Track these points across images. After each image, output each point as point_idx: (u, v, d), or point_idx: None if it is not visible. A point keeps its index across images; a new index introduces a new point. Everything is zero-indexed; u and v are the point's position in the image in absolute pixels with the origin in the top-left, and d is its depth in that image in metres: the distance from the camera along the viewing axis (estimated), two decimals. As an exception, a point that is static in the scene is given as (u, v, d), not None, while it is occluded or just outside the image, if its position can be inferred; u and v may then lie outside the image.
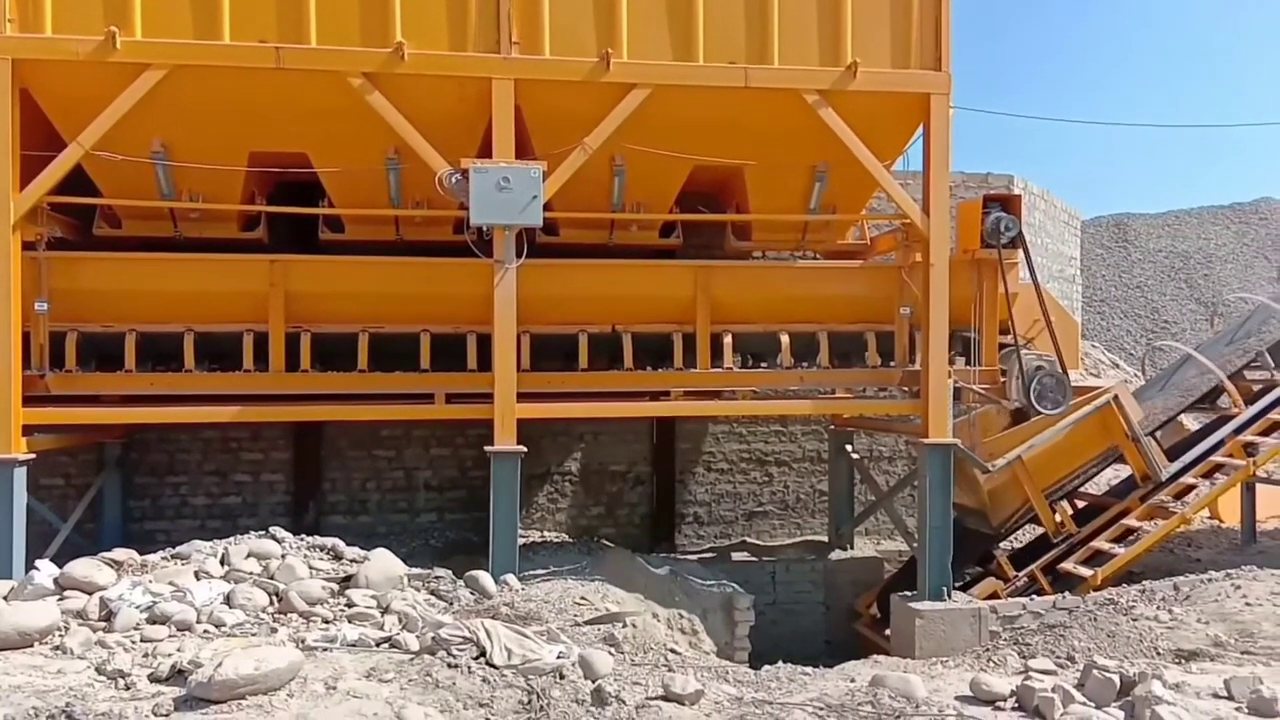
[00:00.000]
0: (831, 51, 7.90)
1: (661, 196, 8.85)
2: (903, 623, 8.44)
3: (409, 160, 7.81)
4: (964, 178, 12.35)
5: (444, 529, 10.65)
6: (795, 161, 8.72)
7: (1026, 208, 9.79)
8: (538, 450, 10.41)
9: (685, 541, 11.49)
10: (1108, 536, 9.42)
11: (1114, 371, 17.57)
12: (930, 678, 6.20)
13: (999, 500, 9.63)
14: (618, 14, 7.58)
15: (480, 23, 7.45)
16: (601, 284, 8.52)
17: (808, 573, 10.61)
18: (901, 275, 8.90)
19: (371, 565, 6.30)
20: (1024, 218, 8.97)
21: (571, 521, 11.17)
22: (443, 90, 7.52)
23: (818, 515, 11.87)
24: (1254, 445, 9.76)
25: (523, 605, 6.27)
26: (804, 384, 8.96)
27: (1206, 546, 11.46)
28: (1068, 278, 16.34)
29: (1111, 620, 7.82)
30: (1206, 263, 30.37)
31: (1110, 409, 9.45)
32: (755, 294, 8.86)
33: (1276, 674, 6.13)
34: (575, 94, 7.58)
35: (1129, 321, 28.30)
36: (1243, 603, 7.97)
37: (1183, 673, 6.19)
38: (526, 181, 7.25)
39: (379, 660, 4.90)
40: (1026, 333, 9.14)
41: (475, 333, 8.13)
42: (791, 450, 11.86)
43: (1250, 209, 33.22)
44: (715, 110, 7.98)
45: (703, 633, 8.09)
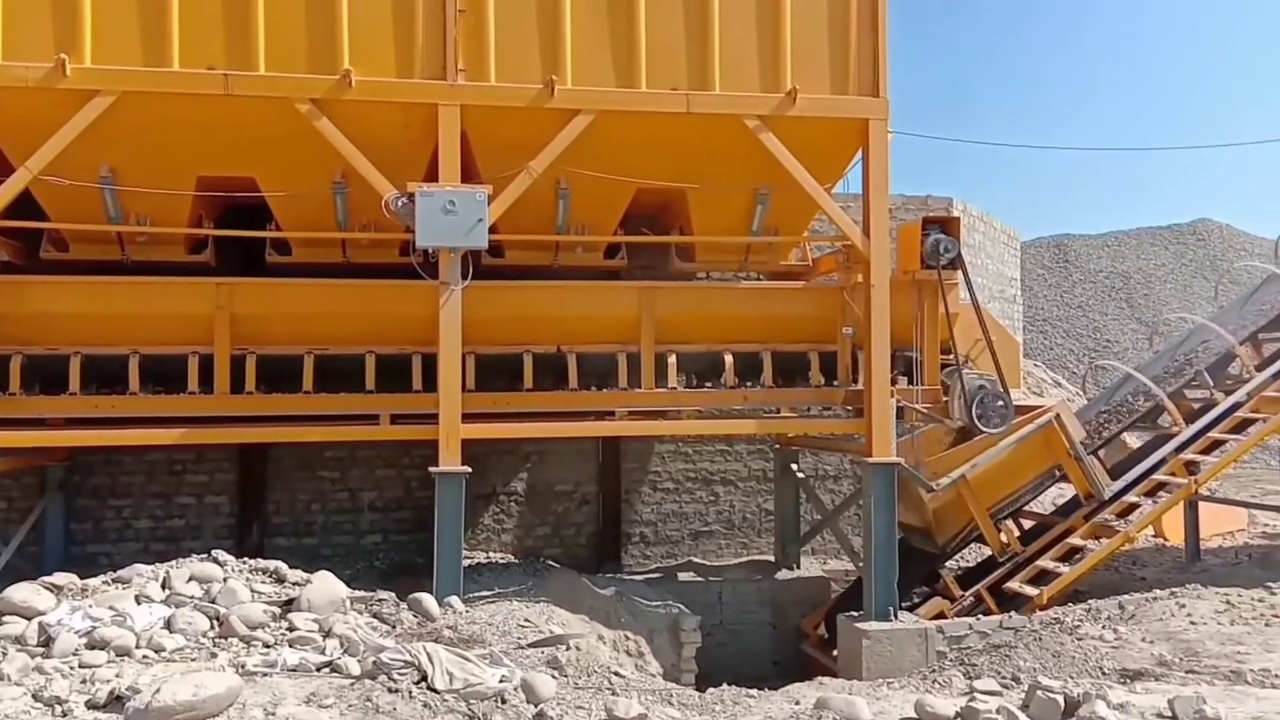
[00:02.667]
0: (772, 78, 8.05)
1: (606, 219, 8.94)
2: (849, 643, 8.49)
3: (356, 184, 7.84)
4: (904, 200, 12.58)
5: (389, 550, 10.59)
6: (738, 184, 8.85)
7: (966, 229, 10.01)
8: (483, 471, 10.39)
9: (632, 562, 11.50)
10: (1053, 555, 9.56)
11: (1056, 390, 17.91)
12: (875, 700, 6.24)
13: (944, 519, 9.75)
14: (562, 41, 7.68)
15: (427, 50, 7.52)
16: (547, 305, 8.58)
17: (754, 593, 10.64)
18: (843, 296, 9.04)
19: (314, 588, 6.23)
20: (963, 239, 9.16)
21: (517, 542, 11.14)
22: (389, 116, 7.58)
23: (764, 534, 11.94)
24: (1195, 464, 9.98)
25: (466, 628, 6.25)
26: (748, 403, 9.05)
27: (1151, 565, 11.67)
28: (1008, 298, 16.66)
29: (1057, 640, 7.91)
30: (1146, 283, 31.16)
31: (1053, 427, 9.61)
32: (699, 314, 8.96)
33: (1220, 693, 6.22)
34: (520, 120, 7.66)
35: (1071, 341, 28.91)
36: (1187, 621, 8.12)
37: (1127, 692, 6.26)
38: (472, 205, 7.31)
39: (319, 685, 4.86)
40: (968, 352, 9.29)
41: (421, 354, 8.13)
42: (737, 469, 11.94)
43: (1188, 230, 34.17)
44: (658, 134, 8.10)
45: (649, 654, 8.10)
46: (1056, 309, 30.29)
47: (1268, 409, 9.97)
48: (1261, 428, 9.85)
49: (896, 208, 12.00)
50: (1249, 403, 10.23)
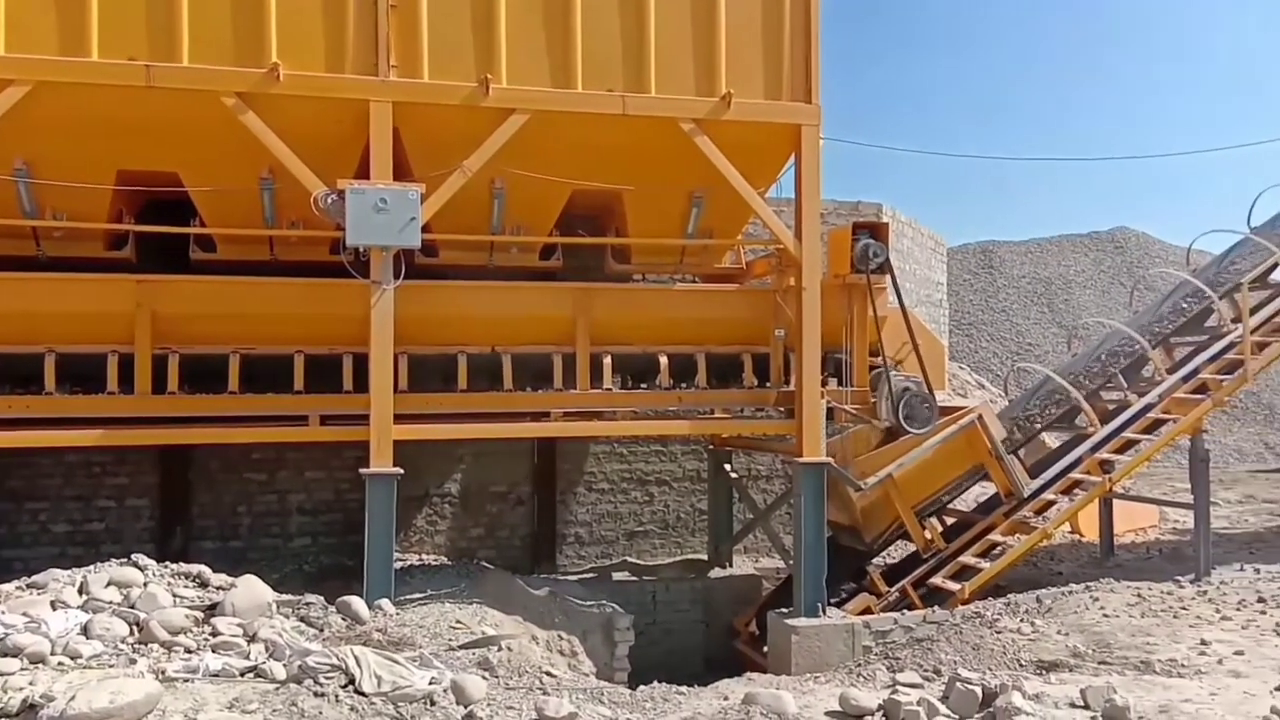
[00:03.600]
0: (707, 82, 8.14)
1: (542, 219, 8.94)
2: (779, 639, 8.62)
3: (284, 180, 7.72)
4: (835, 205, 12.80)
5: (318, 553, 10.44)
6: (673, 187, 8.93)
7: (894, 235, 10.21)
8: (416, 472, 10.29)
9: (566, 562, 11.51)
10: (974, 551, 9.78)
11: (980, 392, 18.36)
12: (802, 694, 6.35)
13: (871, 517, 9.92)
14: (496, 40, 7.66)
15: (358, 45, 7.44)
16: (481, 305, 8.54)
17: (688, 591, 10.75)
18: (776, 299, 9.16)
19: (238, 592, 6.13)
20: (892, 244, 9.35)
21: (451, 543, 11.07)
22: (319, 111, 7.47)
23: (698, 534, 12.05)
24: (1110, 462, 10.24)
25: (396, 630, 6.20)
26: (683, 404, 9.12)
27: (1068, 560, 12.02)
28: (935, 302, 17.05)
29: (977, 633, 8.11)
30: (1067, 288, 32.06)
31: (975, 428, 9.84)
32: (635, 316, 9.01)
33: (1130, 683, 6.45)
34: (454, 117, 7.62)
35: (995, 344, 29.61)
36: (1100, 614, 8.39)
37: (1043, 683, 6.44)
38: (404, 203, 7.24)
39: (243, 690, 4.78)
40: (896, 354, 9.49)
41: (352, 354, 8.03)
42: (672, 470, 12.03)
43: (1107, 237, 35.23)
44: (594, 136, 8.13)
45: (582, 654, 8.12)
46: (981, 313, 31.00)
47: (1178, 410, 10.31)
48: (1172, 428, 10.17)
49: (828, 213, 12.20)
50: (1160, 404, 10.56)
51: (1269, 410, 27.64)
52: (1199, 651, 7.23)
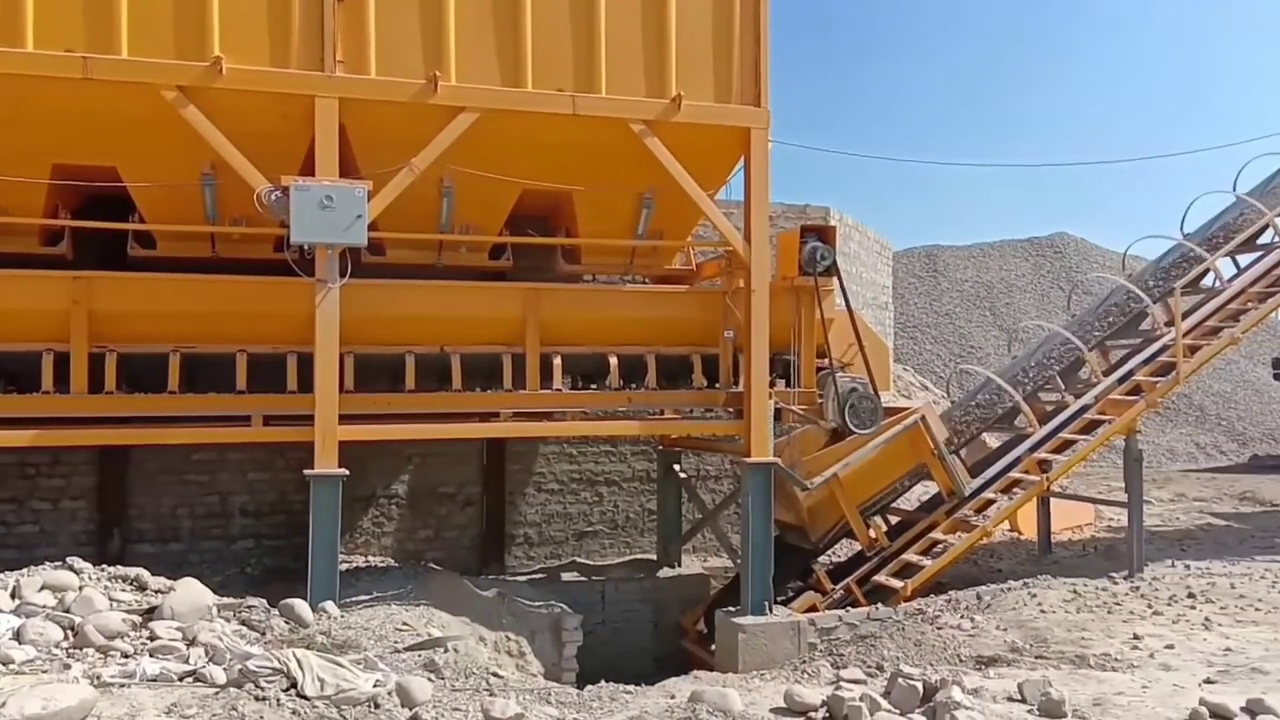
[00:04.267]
0: (657, 83, 8.16)
1: (491, 219, 8.90)
2: (726, 638, 8.67)
3: (226, 176, 7.57)
4: (784, 208, 12.91)
5: (261, 556, 10.26)
6: (623, 188, 8.94)
7: (841, 238, 10.34)
8: (363, 473, 10.18)
9: (515, 563, 11.46)
10: (917, 549, 9.93)
11: (923, 393, 18.64)
12: (747, 691, 6.41)
13: (817, 516, 10.04)
14: (445, 37, 7.60)
15: (304, 40, 7.33)
16: (429, 305, 8.46)
17: (636, 591, 10.77)
18: (725, 300, 9.21)
19: (177, 595, 6.01)
20: (839, 247, 9.46)
21: (398, 545, 10.97)
22: (263, 106, 7.35)
23: (647, 534, 12.07)
24: (1048, 462, 10.47)
25: (340, 633, 6.13)
26: (632, 405, 9.13)
27: (1007, 557, 12.27)
28: (881, 305, 17.28)
29: (919, 629, 8.28)
30: (1008, 292, 32.68)
31: (918, 428, 10.00)
32: (585, 316, 8.99)
33: (1066, 677, 6.61)
34: (402, 115, 7.55)
35: (939, 346, 30.09)
36: (1038, 610, 8.58)
37: (982, 678, 6.60)
38: (351, 201, 7.15)
39: (181, 695, 4.69)
40: (842, 356, 9.59)
41: (296, 353, 7.91)
42: (621, 470, 12.04)
43: (1046, 242, 35.99)
44: (544, 135, 8.11)
45: (530, 654, 8.10)
46: (926, 316, 31.48)
47: (1113, 411, 10.57)
48: (1108, 428, 10.40)
49: (777, 215, 12.30)
50: (1096, 405, 10.81)
51: (1200, 411, 28.44)
52: (1132, 646, 7.45)
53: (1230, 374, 29.63)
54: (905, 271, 32.46)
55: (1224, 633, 7.87)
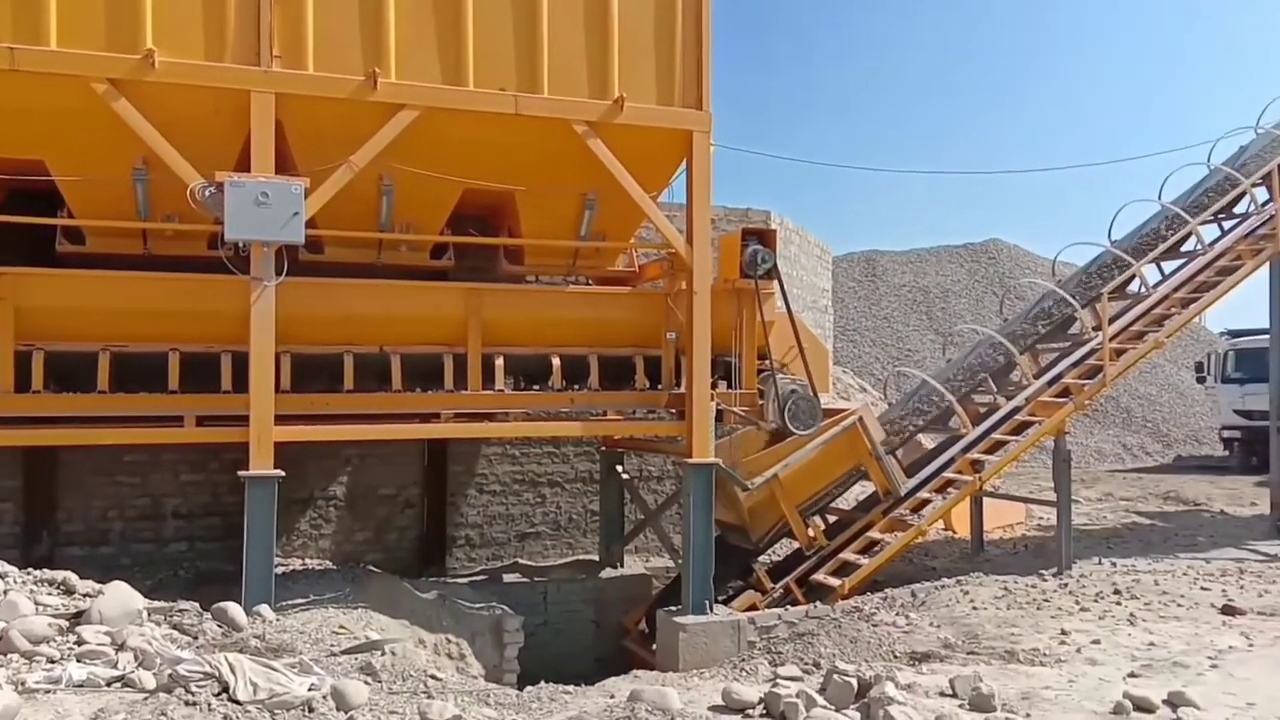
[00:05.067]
0: (600, 85, 8.18)
1: (432, 217, 8.83)
2: (667, 637, 8.72)
3: (159, 171, 7.41)
4: (726, 211, 13.03)
5: (195, 559, 10.07)
6: (566, 188, 8.93)
7: (782, 242, 10.43)
8: (300, 474, 10.04)
9: (457, 565, 11.39)
10: (854, 548, 10.07)
11: (861, 395, 18.90)
12: (686, 690, 6.44)
13: (758, 516, 10.13)
14: (385, 34, 7.54)
15: (239, 34, 7.21)
16: (368, 304, 8.36)
17: (579, 592, 10.77)
18: (667, 302, 9.26)
19: (106, 599, 5.86)
20: (779, 251, 9.55)
21: (336, 547, 10.83)
22: (197, 100, 7.21)
23: (589, 535, 12.08)
24: (981, 462, 10.67)
25: (275, 637, 6.03)
26: (575, 406, 9.13)
27: (941, 555, 12.49)
28: (821, 308, 17.50)
29: (855, 627, 8.38)
30: (944, 297, 33.33)
31: (856, 429, 10.14)
32: (527, 317, 8.97)
33: (996, 672, 6.73)
34: (341, 111, 7.47)
35: (877, 349, 30.57)
36: (970, 607, 8.74)
37: (915, 674, 6.69)
38: (287, 198, 7.05)
39: (109, 701, 4.59)
40: (782, 358, 9.70)
41: (230, 352, 7.77)
42: (564, 471, 12.03)
43: (980, 249, 36.77)
44: (486, 135, 8.07)
45: (471, 656, 8.07)
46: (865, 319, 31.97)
47: (1043, 413, 10.82)
48: (1038, 429, 10.65)
49: (719, 218, 12.42)
50: (1027, 407, 11.05)
51: (1127, 413, 29.26)
52: (1059, 641, 7.59)
53: (1156, 377, 30.54)
54: (845, 276, 32.94)
55: (1148, 628, 8.06)
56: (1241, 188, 12.69)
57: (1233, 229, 12.98)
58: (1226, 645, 7.46)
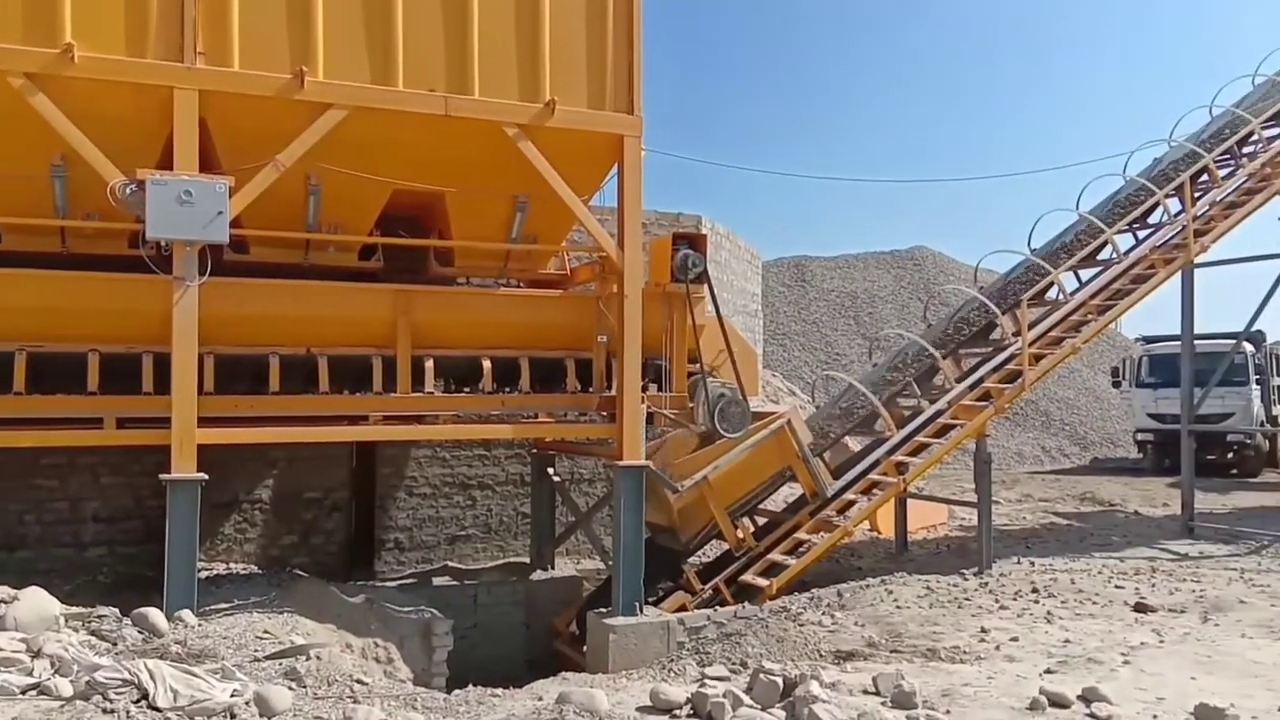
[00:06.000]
0: (531, 88, 8.20)
1: (360, 218, 8.74)
2: (597, 638, 8.75)
3: (78, 168, 7.23)
4: (657, 216, 13.13)
5: (115, 563, 9.83)
6: (497, 191, 8.91)
7: (713, 247, 10.55)
8: (225, 477, 9.87)
9: (385, 568, 11.29)
10: (782, 549, 10.20)
11: (790, 398, 19.17)
12: (615, 691, 6.47)
13: (688, 518, 10.21)
14: (313, 32, 7.45)
15: (162, 29, 7.06)
16: (294, 305, 8.23)
17: (509, 594, 10.74)
18: (599, 305, 9.28)
19: (21, 605, 5.74)
20: (710, 256, 9.64)
21: (262, 551, 10.65)
22: (119, 96, 7.05)
23: (520, 537, 12.07)
24: (905, 464, 10.88)
25: (197, 643, 5.94)
26: (506, 408, 9.13)
27: (867, 556, 12.72)
28: (751, 312, 17.72)
29: (781, 626, 8.48)
30: (871, 302, 33.95)
31: (784, 432, 10.29)
32: (457, 319, 8.92)
33: (918, 670, 6.87)
34: (267, 110, 7.36)
35: (806, 353, 31.01)
36: (894, 606, 8.91)
37: (839, 672, 6.78)
38: (211, 196, 6.94)
39: (23, 709, 4.49)
40: (712, 362, 9.80)
41: (152, 353, 7.60)
42: (495, 474, 12.00)
43: (906, 255, 37.51)
44: (416, 136, 8.03)
45: (399, 660, 7.98)
46: (794, 324, 32.41)
47: (965, 416, 11.09)
48: (959, 432, 10.92)
49: (650, 223, 12.50)
50: (950, 410, 11.32)
51: (1046, 417, 30.11)
52: (979, 639, 7.77)
53: (1073, 382, 31.48)
54: (775, 280, 33.35)
55: (1064, 625, 8.29)
56: (1155, 199, 13.19)
57: (1147, 238, 13.49)
58: (1139, 642, 7.68)
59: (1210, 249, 12.96)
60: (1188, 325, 14.16)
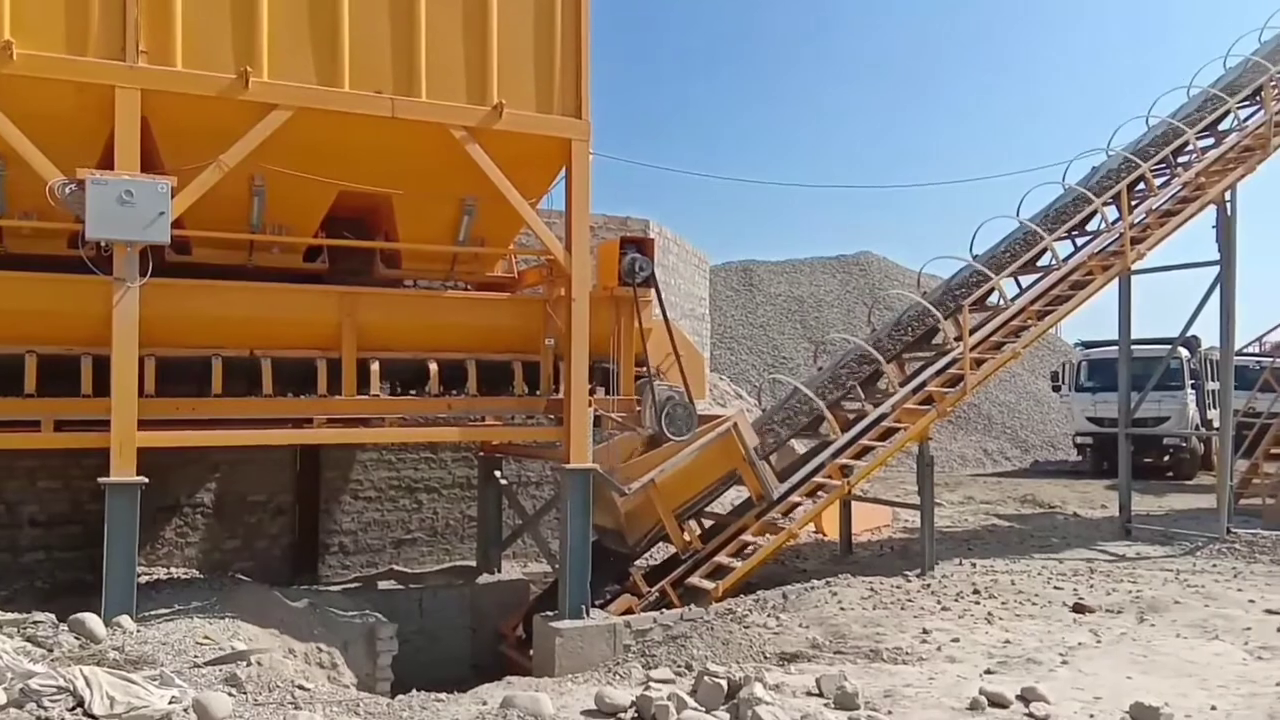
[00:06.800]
0: (479, 91, 8.19)
1: (305, 219, 8.67)
2: (544, 642, 8.73)
3: (16, 167, 7.08)
4: (605, 219, 13.15)
5: (53, 569, 9.62)
6: (444, 193, 8.89)
7: (661, 250, 10.63)
8: (165, 481, 9.71)
9: (330, 573, 11.18)
10: (728, 551, 10.27)
11: (737, 401, 19.31)
12: (560, 694, 6.48)
13: (634, 521, 10.25)
14: (258, 32, 7.38)
15: (104, 27, 6.95)
16: (237, 306, 8.13)
17: (455, 598, 10.67)
18: (546, 308, 9.29)
19: (-48, 614, 5.60)
20: (658, 259, 9.73)
21: (204, 556, 10.49)
22: (58, 95, 6.91)
23: (467, 541, 12.02)
24: (849, 467, 11.03)
25: (136, 649, 5.85)
26: (452, 411, 9.09)
27: (812, 557, 12.87)
28: (698, 316, 17.83)
29: (727, 629, 8.56)
30: (817, 307, 34.30)
31: (731, 435, 10.38)
32: (404, 322, 8.87)
33: (861, 671, 6.97)
34: (210, 110, 7.27)
35: (753, 357, 31.24)
36: (838, 607, 9.04)
37: (784, 674, 6.87)
38: (153, 196, 6.83)
39: (-48, 719, 4.40)
40: (659, 365, 9.86)
41: (91, 355, 7.46)
42: (441, 477, 11.94)
43: (852, 261, 37.98)
44: (362, 137, 7.98)
45: (343, 665, 7.93)
46: (742, 328, 32.63)
47: (908, 419, 11.29)
48: (903, 435, 11.10)
49: (598, 226, 12.54)
50: (893, 414, 11.50)
51: (988, 420, 30.66)
52: (921, 640, 7.91)
53: (1015, 385, 32.10)
54: (723, 284, 33.57)
55: (1004, 626, 8.47)
56: (1093, 207, 13.53)
57: (1085, 246, 13.83)
58: (1076, 642, 7.86)
59: (1146, 256, 13.35)
60: (1125, 331, 14.54)
